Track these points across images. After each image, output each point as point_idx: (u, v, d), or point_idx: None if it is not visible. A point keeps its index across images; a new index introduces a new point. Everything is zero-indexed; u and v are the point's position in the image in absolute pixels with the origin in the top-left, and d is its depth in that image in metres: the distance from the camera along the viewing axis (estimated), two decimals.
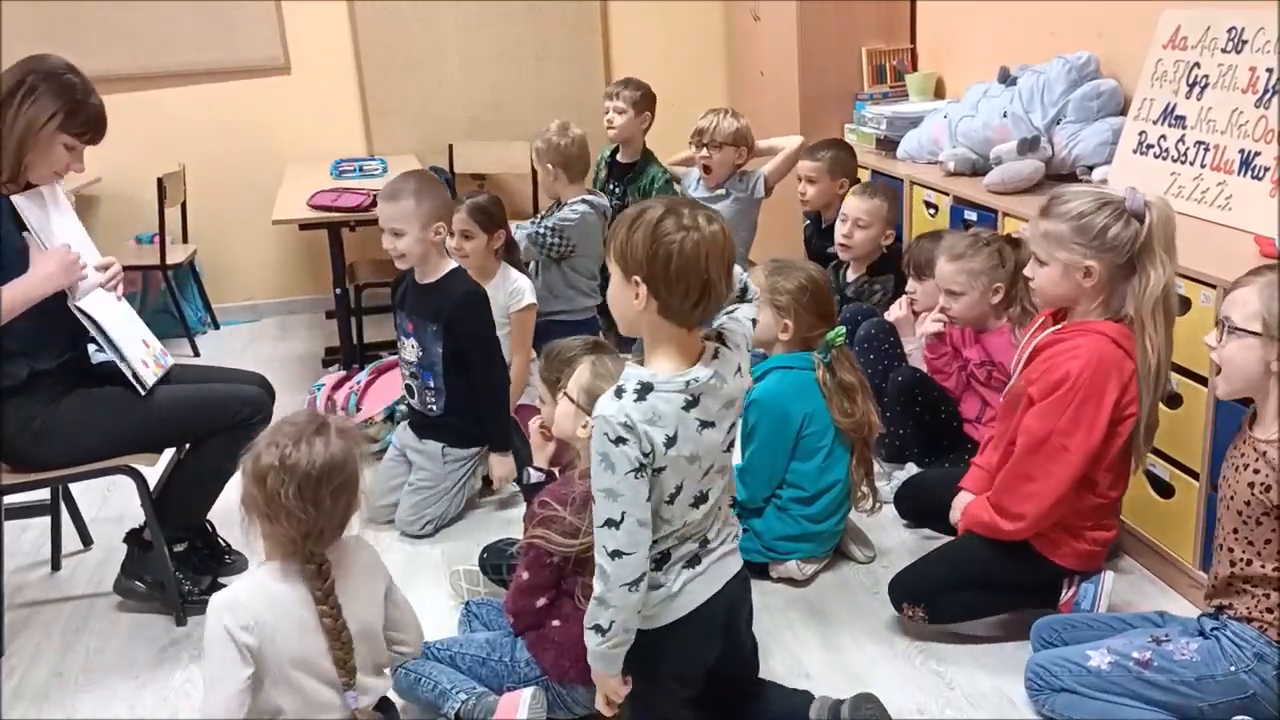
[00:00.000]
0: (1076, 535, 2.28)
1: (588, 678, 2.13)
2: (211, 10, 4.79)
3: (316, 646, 1.77)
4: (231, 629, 1.69)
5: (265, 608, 1.73)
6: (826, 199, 3.69)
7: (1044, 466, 2.17)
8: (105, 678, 2.43)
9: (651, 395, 1.70)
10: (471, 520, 3.08)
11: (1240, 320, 1.91)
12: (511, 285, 3.36)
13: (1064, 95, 3.23)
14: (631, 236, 1.69)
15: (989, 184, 3.22)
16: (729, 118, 3.83)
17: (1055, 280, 2.19)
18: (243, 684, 1.70)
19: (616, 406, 1.69)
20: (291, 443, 1.73)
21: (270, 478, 1.71)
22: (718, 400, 1.76)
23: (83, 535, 3.00)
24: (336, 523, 1.77)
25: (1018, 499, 2.23)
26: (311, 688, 1.78)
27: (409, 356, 3.03)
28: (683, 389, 1.72)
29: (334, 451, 1.74)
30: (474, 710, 2.09)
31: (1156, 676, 1.97)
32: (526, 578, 2.15)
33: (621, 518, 1.70)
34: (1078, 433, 2.14)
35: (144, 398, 2.50)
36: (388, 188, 2.90)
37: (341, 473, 1.74)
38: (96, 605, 2.72)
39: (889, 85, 4.36)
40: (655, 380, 1.71)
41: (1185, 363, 2.42)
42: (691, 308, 1.70)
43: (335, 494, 1.73)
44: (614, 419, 1.68)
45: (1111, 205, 2.13)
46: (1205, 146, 2.82)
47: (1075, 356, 2.15)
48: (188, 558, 2.69)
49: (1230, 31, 2.79)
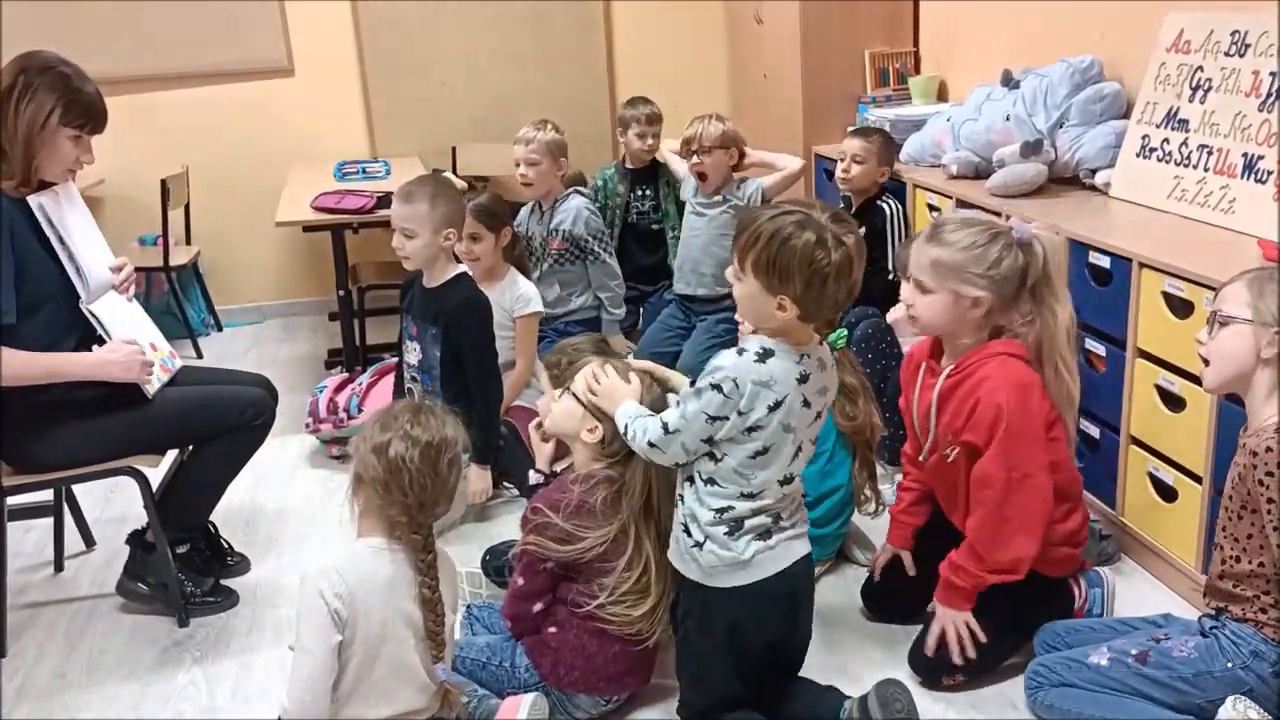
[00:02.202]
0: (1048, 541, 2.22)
1: (585, 685, 2.14)
2: (215, 12, 4.79)
3: (405, 623, 1.84)
4: (326, 594, 1.76)
5: (358, 581, 1.80)
6: (869, 181, 3.67)
7: (1018, 505, 2.11)
8: (108, 679, 2.44)
9: (771, 360, 1.86)
10: (473, 523, 3.08)
11: (1232, 309, 1.92)
12: (518, 291, 3.36)
13: (1067, 98, 3.23)
14: (779, 255, 1.80)
15: (991, 187, 3.22)
16: (713, 122, 3.84)
17: (942, 309, 2.13)
18: (332, 649, 1.76)
19: (733, 362, 1.86)
20: (409, 418, 1.84)
21: (394, 445, 1.80)
22: (818, 383, 1.92)
23: (85, 536, 3.01)
24: (448, 494, 1.86)
25: (1006, 548, 2.12)
26: (395, 662, 1.84)
27: (411, 359, 3.04)
28: (799, 361, 1.88)
29: (447, 429, 1.87)
30: (476, 712, 2.09)
31: (1154, 672, 1.97)
32: (522, 583, 2.16)
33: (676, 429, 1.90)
34: (1030, 458, 2.10)
35: (147, 401, 2.50)
36: (404, 188, 2.90)
37: (455, 446, 1.87)
38: (99, 606, 2.72)
39: (892, 88, 4.36)
40: (778, 348, 1.87)
41: (1188, 366, 2.42)
42: (832, 314, 1.93)
43: (450, 464, 1.85)
44: (729, 373, 1.84)
45: (1003, 236, 2.11)
46: (1208, 150, 2.82)
47: (995, 388, 2.10)
48: (190, 559, 2.69)
49: (1234, 35, 2.79)
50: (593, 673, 2.14)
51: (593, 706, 2.19)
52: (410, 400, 1.98)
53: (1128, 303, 2.58)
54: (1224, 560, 1.98)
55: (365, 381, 3.58)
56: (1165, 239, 2.67)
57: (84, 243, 2.48)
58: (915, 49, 4.41)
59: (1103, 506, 2.76)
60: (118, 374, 2.43)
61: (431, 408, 1.90)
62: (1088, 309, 2.77)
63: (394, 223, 2.89)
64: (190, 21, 4.78)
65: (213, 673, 2.44)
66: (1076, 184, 3.26)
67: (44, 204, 2.40)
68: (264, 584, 2.78)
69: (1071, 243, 2.78)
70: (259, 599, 2.71)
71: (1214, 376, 1.98)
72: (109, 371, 2.42)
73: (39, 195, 2.40)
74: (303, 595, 1.79)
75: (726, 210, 3.84)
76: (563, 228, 3.83)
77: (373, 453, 1.82)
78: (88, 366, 2.41)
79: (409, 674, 1.87)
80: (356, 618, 1.79)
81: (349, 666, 1.80)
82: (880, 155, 3.63)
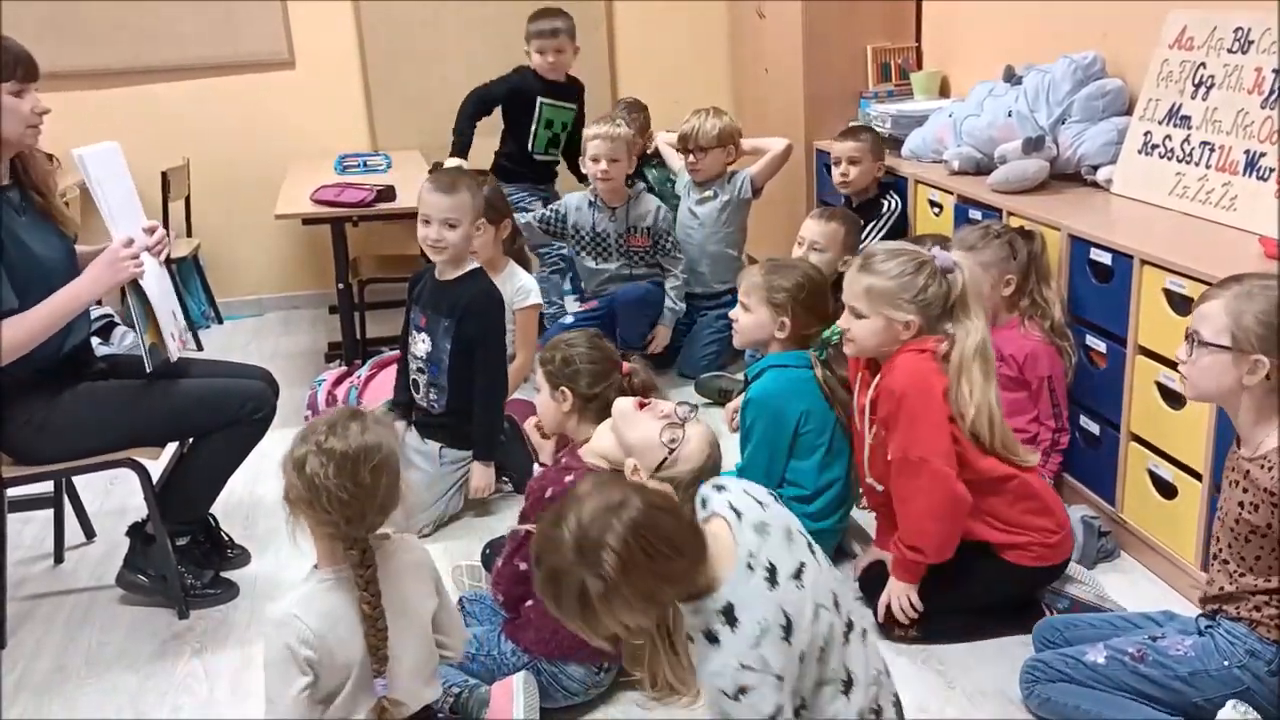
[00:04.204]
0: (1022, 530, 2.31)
1: (572, 651, 2.12)
2: (216, 5, 4.79)
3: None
4: (293, 646, 1.72)
5: (321, 620, 1.75)
6: (868, 179, 3.67)
7: (913, 485, 2.25)
8: (107, 671, 2.44)
9: (741, 612, 1.58)
10: (474, 516, 3.08)
11: (1210, 335, 1.90)
12: (518, 284, 3.37)
13: (1069, 95, 3.23)
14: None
15: (993, 183, 3.22)
16: (711, 118, 3.85)
17: (876, 332, 2.31)
18: (302, 693, 1.73)
19: (724, 656, 1.57)
20: (326, 428, 1.77)
21: (309, 461, 1.74)
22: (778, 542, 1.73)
23: (85, 528, 3.01)
24: (378, 504, 1.77)
25: (913, 531, 2.29)
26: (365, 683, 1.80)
27: (418, 351, 3.03)
28: (772, 589, 1.60)
29: (369, 435, 1.77)
30: (468, 702, 2.10)
31: (1151, 671, 1.98)
32: (524, 568, 2.14)
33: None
34: (924, 438, 2.23)
35: (148, 393, 2.50)
36: (444, 181, 2.94)
37: (378, 453, 1.76)
38: (99, 598, 2.72)
39: (894, 83, 4.35)
40: (733, 596, 1.58)
41: None
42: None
43: (374, 473, 1.75)
44: (732, 674, 1.56)
45: (928, 265, 2.30)
46: (1210, 147, 2.82)
47: (894, 377, 2.28)
48: (190, 551, 2.69)
49: (1236, 32, 2.78)
50: (573, 636, 2.12)
51: (586, 677, 2.18)
52: (341, 409, 1.90)
53: (1129, 299, 2.57)
54: (1230, 575, 1.97)
55: (364, 375, 3.58)
56: (1167, 236, 2.66)
57: (120, 204, 2.44)
58: (917, 44, 4.40)
59: (1102, 503, 2.76)
60: (109, 277, 2.37)
61: (360, 414, 1.82)
62: (1088, 305, 2.78)
63: (434, 214, 2.89)
64: (192, 14, 4.77)
65: (212, 665, 2.44)
66: (1078, 180, 3.26)
67: (89, 161, 2.33)
68: (264, 577, 2.78)
69: (1073, 239, 2.79)
70: (258, 591, 2.71)
71: (1194, 394, 2.01)
72: (102, 283, 2.36)
73: (85, 151, 2.34)
74: (267, 646, 1.75)
75: (716, 204, 3.86)
76: (644, 224, 3.84)
77: (293, 470, 1.76)
78: (82, 288, 2.34)
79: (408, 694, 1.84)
80: (333, 655, 1.75)
81: (339, 699, 1.77)
82: (874, 151, 3.64)
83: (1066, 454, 2.83)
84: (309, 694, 1.74)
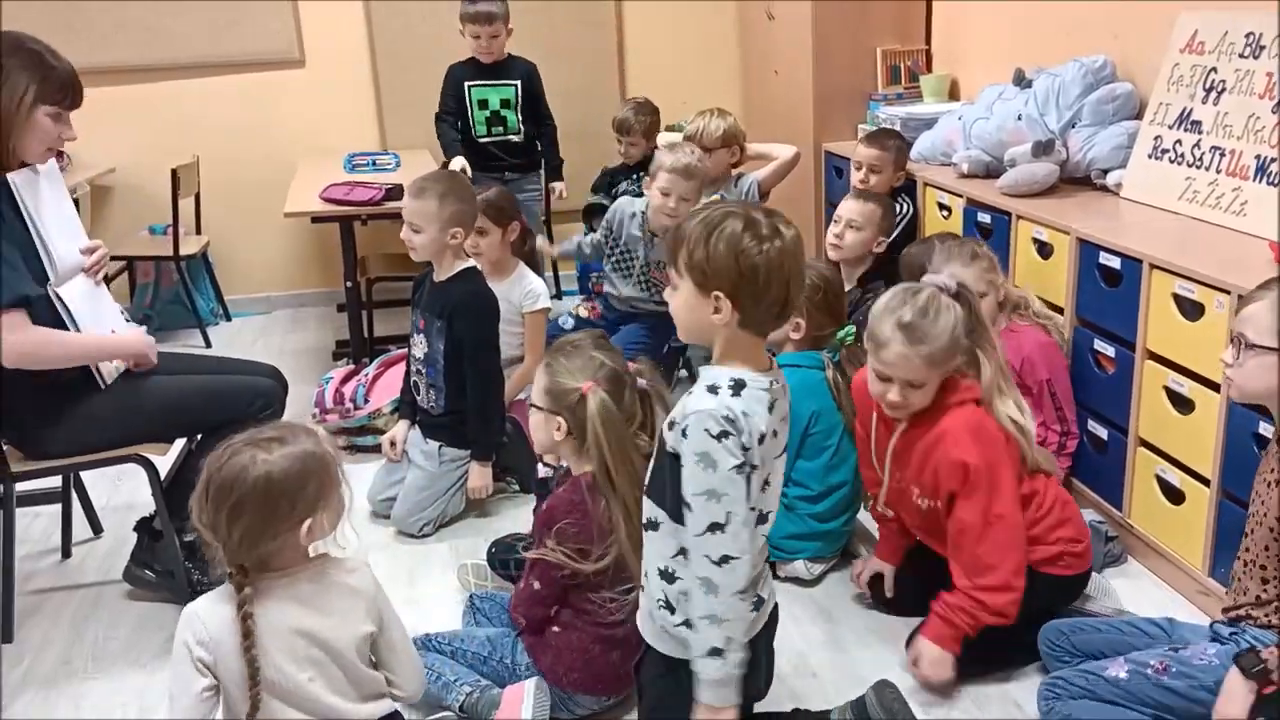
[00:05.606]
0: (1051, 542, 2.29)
1: (585, 685, 2.13)
2: (227, 4, 4.80)
3: (297, 662, 1.73)
4: (189, 644, 1.70)
5: (218, 625, 1.71)
6: (885, 188, 3.62)
7: (994, 543, 2.17)
8: (113, 666, 2.45)
9: (745, 391, 1.65)
10: (478, 517, 3.09)
11: (1255, 336, 1.89)
12: (527, 287, 3.36)
13: (1079, 98, 3.22)
14: (711, 250, 1.62)
15: (1003, 187, 3.21)
16: (716, 119, 3.82)
17: (930, 392, 2.22)
18: (200, 695, 1.69)
19: (715, 400, 1.63)
20: (242, 443, 1.70)
21: (197, 488, 1.69)
22: (781, 410, 1.73)
23: (93, 523, 3.02)
24: (235, 541, 1.68)
25: (997, 590, 2.17)
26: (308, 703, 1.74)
27: (418, 352, 3.04)
28: (768, 389, 1.68)
29: (254, 468, 1.66)
30: (478, 703, 2.10)
31: (1175, 682, 1.94)
32: (538, 588, 2.14)
33: (726, 519, 1.62)
34: (1001, 499, 2.18)
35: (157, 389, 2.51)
36: (417, 184, 2.94)
37: (243, 487, 1.65)
38: (106, 593, 2.73)
39: (903, 86, 4.35)
40: (746, 377, 1.66)
41: (1197, 368, 2.41)
42: (774, 318, 1.67)
43: (236, 510, 1.65)
44: (715, 412, 1.61)
45: (955, 307, 2.20)
46: (1221, 152, 2.81)
47: (958, 443, 2.18)
48: (197, 547, 2.68)
49: (1248, 36, 2.77)
50: (591, 676, 2.14)
51: (594, 703, 2.19)
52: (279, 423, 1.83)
53: (1138, 304, 2.57)
54: (1265, 580, 1.93)
55: (371, 373, 3.59)
56: (1176, 241, 2.66)
57: (56, 224, 2.45)
58: (927, 47, 4.40)
59: (1109, 508, 2.75)
60: (137, 351, 2.50)
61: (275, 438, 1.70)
62: (1097, 310, 2.77)
63: (404, 215, 2.92)
64: (202, 13, 4.79)
65: None
66: (1088, 184, 3.25)
67: (17, 182, 2.35)
68: None
69: (1082, 243, 2.79)
70: None
71: (1239, 395, 1.98)
72: (132, 349, 2.48)
73: (15, 174, 2.36)
74: (175, 640, 1.72)
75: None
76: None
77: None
78: (117, 345, 2.45)
79: (329, 710, 1.75)
80: (219, 661, 1.70)
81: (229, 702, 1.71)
82: (896, 161, 3.62)
83: (1074, 458, 2.83)
84: (212, 698, 1.70)
